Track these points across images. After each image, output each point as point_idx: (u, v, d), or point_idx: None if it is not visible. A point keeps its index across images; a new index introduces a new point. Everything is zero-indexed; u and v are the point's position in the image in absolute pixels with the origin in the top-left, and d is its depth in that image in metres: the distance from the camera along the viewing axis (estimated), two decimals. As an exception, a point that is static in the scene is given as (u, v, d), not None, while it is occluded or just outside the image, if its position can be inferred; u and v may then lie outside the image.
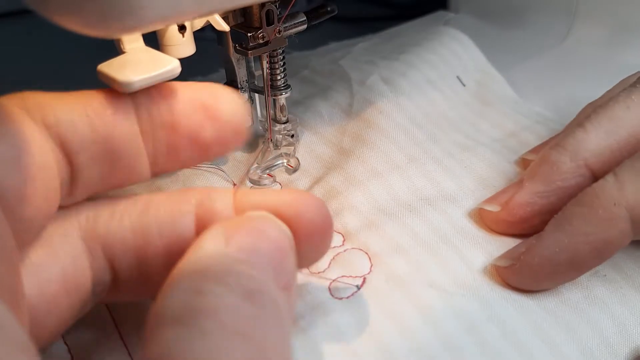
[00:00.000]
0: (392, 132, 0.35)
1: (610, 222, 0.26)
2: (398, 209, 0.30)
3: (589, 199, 0.27)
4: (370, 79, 0.38)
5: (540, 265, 0.27)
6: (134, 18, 0.21)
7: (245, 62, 0.34)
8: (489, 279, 0.27)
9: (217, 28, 0.31)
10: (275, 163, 0.35)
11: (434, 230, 0.29)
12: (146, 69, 0.25)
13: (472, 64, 0.41)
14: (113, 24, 0.21)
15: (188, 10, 0.24)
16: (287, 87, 0.35)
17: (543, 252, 0.27)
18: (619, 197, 0.26)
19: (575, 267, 0.27)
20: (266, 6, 0.31)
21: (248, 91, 0.35)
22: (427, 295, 0.26)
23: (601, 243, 0.26)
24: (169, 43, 0.29)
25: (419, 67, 0.40)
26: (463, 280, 0.27)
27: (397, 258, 0.28)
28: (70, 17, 0.21)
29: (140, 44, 0.27)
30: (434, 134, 0.35)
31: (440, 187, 0.32)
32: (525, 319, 0.26)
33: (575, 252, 0.26)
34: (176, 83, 0.26)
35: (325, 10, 0.36)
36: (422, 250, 0.28)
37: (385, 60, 0.41)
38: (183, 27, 0.29)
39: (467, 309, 0.26)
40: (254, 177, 0.34)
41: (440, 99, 0.38)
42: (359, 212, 0.30)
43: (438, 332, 0.25)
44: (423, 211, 0.30)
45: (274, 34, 0.32)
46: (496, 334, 0.25)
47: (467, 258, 0.28)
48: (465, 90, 0.39)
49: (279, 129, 0.36)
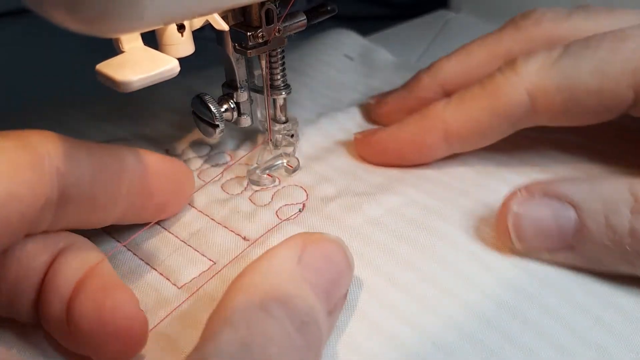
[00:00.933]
0: (302, 99, 0.43)
1: (429, 131, 0.34)
2: (319, 152, 0.37)
3: (424, 110, 0.34)
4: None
5: (377, 140, 0.35)
6: (133, 17, 0.21)
7: (244, 62, 0.34)
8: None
9: (216, 27, 0.31)
10: (275, 163, 0.35)
11: (352, 162, 0.36)
12: (145, 68, 0.25)
13: (354, 44, 0.51)
14: (112, 23, 0.21)
15: (187, 9, 0.24)
16: (287, 87, 0.35)
17: (383, 132, 0.35)
18: (441, 114, 0.33)
19: (398, 154, 0.35)
20: (266, 5, 0.31)
21: (247, 91, 0.35)
22: (355, 200, 0.33)
23: (419, 143, 0.34)
24: (168, 42, 0.29)
25: (314, 54, 0.49)
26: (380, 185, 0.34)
27: (326, 185, 0.34)
28: (69, 16, 0.21)
29: (139, 43, 0.27)
30: (335, 96, 0.44)
31: (349, 132, 0.38)
32: None
33: (400, 143, 0.35)
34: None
35: (325, 9, 0.36)
36: (344, 177, 0.35)
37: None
38: (182, 27, 0.29)
39: (391, 204, 0.32)
40: (253, 177, 0.34)
41: (334, 72, 0.47)
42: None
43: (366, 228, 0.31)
44: (339, 149, 0.37)
45: (273, 33, 0.32)
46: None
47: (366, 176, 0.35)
48: (353, 63, 0.49)
49: (278, 128, 0.36)
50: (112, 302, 0.24)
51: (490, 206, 0.31)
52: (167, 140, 0.39)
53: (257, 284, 0.23)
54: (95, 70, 0.25)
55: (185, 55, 0.29)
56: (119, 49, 0.27)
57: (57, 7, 0.20)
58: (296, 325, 0.22)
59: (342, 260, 0.26)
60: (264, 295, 0.22)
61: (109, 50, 0.27)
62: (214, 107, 0.34)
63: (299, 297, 0.23)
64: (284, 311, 0.22)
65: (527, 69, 0.31)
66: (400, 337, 0.25)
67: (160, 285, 0.29)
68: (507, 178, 0.34)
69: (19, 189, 0.23)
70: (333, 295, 0.25)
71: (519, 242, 0.28)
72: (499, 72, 0.32)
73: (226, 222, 0.32)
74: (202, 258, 0.30)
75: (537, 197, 0.28)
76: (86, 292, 0.24)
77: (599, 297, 0.27)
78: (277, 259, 0.24)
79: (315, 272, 0.24)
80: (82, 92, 0.43)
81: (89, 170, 0.26)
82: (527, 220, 0.28)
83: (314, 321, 0.22)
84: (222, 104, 0.35)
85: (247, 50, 0.32)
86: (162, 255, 0.30)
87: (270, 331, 0.21)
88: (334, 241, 0.26)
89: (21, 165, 0.23)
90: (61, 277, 0.25)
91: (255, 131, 0.38)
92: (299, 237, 0.25)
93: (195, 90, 0.35)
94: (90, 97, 0.43)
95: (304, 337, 0.22)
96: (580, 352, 0.25)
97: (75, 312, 0.24)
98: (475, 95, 0.33)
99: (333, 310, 0.25)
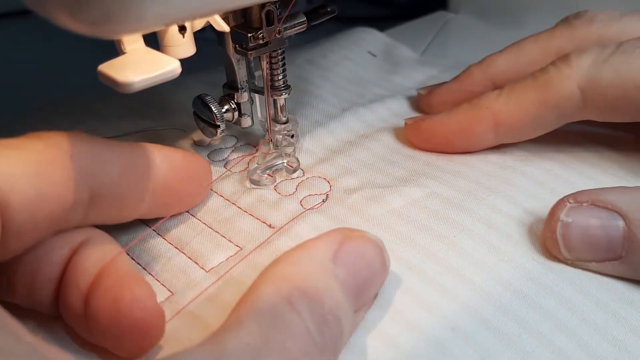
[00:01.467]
0: (326, 95, 0.44)
1: (479, 120, 0.34)
2: (343, 146, 0.38)
3: (475, 100, 0.35)
4: (297, 61, 0.48)
5: (426, 127, 0.36)
6: (134, 19, 0.21)
7: (245, 63, 0.35)
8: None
9: (217, 29, 0.31)
10: (275, 163, 0.35)
11: (375, 155, 0.37)
12: (147, 69, 0.25)
13: (377, 41, 0.51)
14: (113, 24, 0.21)
15: (189, 11, 0.24)
16: (287, 88, 0.35)
17: (433, 119, 0.36)
18: (491, 104, 0.34)
19: (446, 140, 0.36)
20: (266, 7, 0.31)
21: (248, 91, 0.35)
22: (377, 191, 0.33)
23: (468, 131, 0.35)
24: (169, 44, 0.29)
25: (337, 51, 0.50)
26: (406, 179, 0.35)
27: (349, 177, 0.35)
28: (71, 17, 0.21)
29: (141, 44, 0.27)
30: (359, 92, 0.45)
31: (373, 127, 0.40)
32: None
33: (449, 130, 0.36)
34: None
35: (325, 10, 0.36)
36: (367, 170, 0.35)
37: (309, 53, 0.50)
38: (183, 28, 0.29)
39: (409, 194, 0.33)
40: (254, 178, 0.34)
41: (357, 68, 0.48)
42: (312, 153, 0.37)
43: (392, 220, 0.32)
44: (362, 142, 0.38)
45: (274, 34, 0.32)
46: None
47: (406, 168, 0.36)
48: (376, 59, 0.50)
49: (279, 129, 0.36)
50: (129, 295, 0.24)
51: (516, 202, 0.32)
52: (194, 131, 0.39)
53: (287, 275, 0.23)
54: (97, 71, 0.26)
55: (186, 56, 0.29)
56: (121, 50, 0.27)
57: (58, 8, 0.21)
58: (317, 322, 0.22)
59: (378, 260, 0.26)
60: (291, 287, 0.22)
61: (111, 51, 0.27)
62: (214, 108, 0.34)
63: (326, 294, 0.23)
64: (308, 306, 0.22)
65: (580, 64, 0.32)
66: (420, 323, 0.26)
67: (188, 268, 0.29)
68: (534, 175, 0.34)
69: (48, 189, 0.23)
70: (363, 295, 0.25)
71: (567, 252, 0.28)
72: (552, 65, 0.33)
73: (252, 210, 0.33)
74: (228, 244, 0.31)
75: (585, 206, 0.28)
76: (104, 286, 0.25)
77: (614, 292, 0.27)
78: (312, 252, 0.24)
79: (348, 270, 0.24)
80: (83, 92, 0.43)
81: (118, 170, 0.26)
82: (575, 229, 0.28)
83: (337, 319, 0.23)
84: (223, 104, 0.35)
85: (248, 52, 0.32)
86: (190, 240, 0.31)
87: (291, 325, 0.21)
88: (373, 241, 0.26)
89: (51, 165, 0.24)
90: (80, 271, 0.25)
91: (255, 131, 0.39)
92: (339, 233, 0.25)
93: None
94: (93, 97, 0.43)
95: (323, 334, 0.22)
96: (597, 344, 0.25)
97: (92, 306, 0.25)
98: (526, 86, 0.33)
99: (360, 309, 0.25)
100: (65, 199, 0.24)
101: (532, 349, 0.25)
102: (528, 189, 0.33)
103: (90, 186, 0.25)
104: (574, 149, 0.36)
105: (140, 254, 0.30)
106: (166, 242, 0.31)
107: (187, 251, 0.30)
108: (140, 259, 0.30)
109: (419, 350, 0.25)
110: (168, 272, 0.29)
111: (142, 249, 0.31)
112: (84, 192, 0.25)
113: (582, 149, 0.36)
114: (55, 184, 0.24)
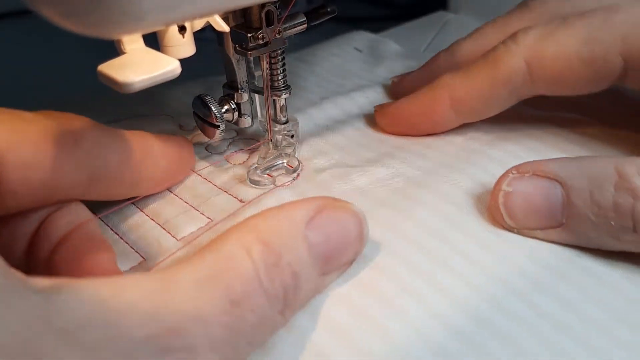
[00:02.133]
0: (310, 86, 0.46)
1: (437, 100, 0.36)
2: (319, 130, 0.40)
3: (434, 81, 0.36)
4: (287, 59, 0.50)
5: (392, 111, 0.38)
6: (134, 19, 0.21)
7: (245, 63, 0.35)
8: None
9: (217, 29, 0.31)
10: (275, 163, 0.35)
11: (348, 138, 0.39)
12: (147, 69, 0.25)
13: (365, 39, 0.53)
14: (113, 25, 0.21)
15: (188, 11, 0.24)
16: (287, 88, 0.35)
17: (397, 103, 0.38)
18: (447, 83, 0.35)
19: (410, 123, 0.38)
20: (266, 7, 0.31)
21: (248, 91, 0.35)
22: (345, 170, 0.35)
23: (429, 112, 0.37)
24: (169, 44, 0.29)
25: (326, 49, 0.52)
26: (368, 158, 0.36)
27: (321, 158, 0.37)
28: (70, 18, 0.21)
29: (141, 44, 0.27)
30: (340, 83, 0.47)
31: (349, 114, 0.42)
32: None
33: (411, 112, 0.37)
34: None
35: (325, 10, 0.36)
36: (339, 151, 0.37)
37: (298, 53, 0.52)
38: (183, 28, 0.29)
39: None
40: (254, 178, 0.34)
41: (341, 61, 0.50)
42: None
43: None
44: (337, 127, 0.40)
45: (273, 34, 0.32)
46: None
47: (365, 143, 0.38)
48: (361, 54, 0.51)
49: (279, 129, 0.36)
50: (92, 256, 0.26)
51: (479, 182, 0.33)
52: (181, 116, 0.41)
53: (254, 226, 0.24)
54: (97, 71, 0.26)
55: (186, 56, 0.29)
56: (121, 50, 0.27)
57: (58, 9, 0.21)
58: (269, 269, 0.22)
59: (355, 230, 0.26)
60: (254, 238, 0.23)
61: (111, 51, 0.27)
62: (214, 108, 0.34)
63: (288, 248, 0.23)
64: (263, 253, 0.23)
65: (526, 39, 0.33)
66: (373, 285, 0.27)
67: (161, 237, 0.31)
68: (498, 157, 0.35)
69: (45, 160, 0.25)
70: (332, 261, 0.26)
71: (510, 220, 0.29)
72: (502, 43, 0.34)
73: (226, 187, 0.35)
74: (201, 216, 0.33)
75: (527, 177, 0.29)
76: (72, 242, 0.26)
77: (564, 257, 0.28)
78: (289, 212, 0.25)
79: (320, 233, 0.25)
80: (83, 92, 0.43)
81: (117, 156, 0.29)
82: (517, 198, 0.29)
83: (293, 272, 0.23)
84: (222, 104, 0.35)
85: (248, 52, 0.32)
86: (165, 213, 0.33)
87: (241, 267, 0.22)
88: (354, 212, 0.26)
89: (52, 140, 0.26)
90: (53, 227, 0.27)
91: (255, 132, 0.39)
92: (321, 200, 0.26)
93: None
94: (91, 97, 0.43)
95: (273, 282, 0.22)
96: (547, 305, 0.26)
97: (57, 261, 0.26)
98: (478, 65, 0.35)
99: (328, 273, 0.26)
100: (62, 173, 0.26)
101: (482, 311, 0.26)
102: (489, 168, 0.34)
103: (90, 169, 0.27)
104: (538, 132, 0.37)
105: (118, 224, 0.33)
106: (143, 214, 0.33)
107: (162, 222, 0.32)
108: (117, 229, 0.32)
109: (374, 312, 0.26)
110: (142, 241, 0.31)
111: (120, 219, 0.33)
112: (84, 174, 0.27)
113: (547, 133, 0.37)
114: (54, 158, 0.25)
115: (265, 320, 0.22)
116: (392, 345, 0.25)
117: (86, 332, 0.18)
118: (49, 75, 0.56)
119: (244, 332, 0.22)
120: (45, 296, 0.18)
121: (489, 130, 0.38)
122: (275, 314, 0.23)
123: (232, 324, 0.21)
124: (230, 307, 0.21)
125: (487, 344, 0.25)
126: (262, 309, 0.22)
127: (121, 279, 0.20)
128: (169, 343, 0.19)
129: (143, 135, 0.31)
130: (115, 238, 0.32)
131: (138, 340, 0.19)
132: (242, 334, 0.22)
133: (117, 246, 0.31)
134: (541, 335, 0.25)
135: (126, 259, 0.30)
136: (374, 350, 0.24)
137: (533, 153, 0.35)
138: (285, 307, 0.23)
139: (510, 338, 0.25)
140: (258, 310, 0.22)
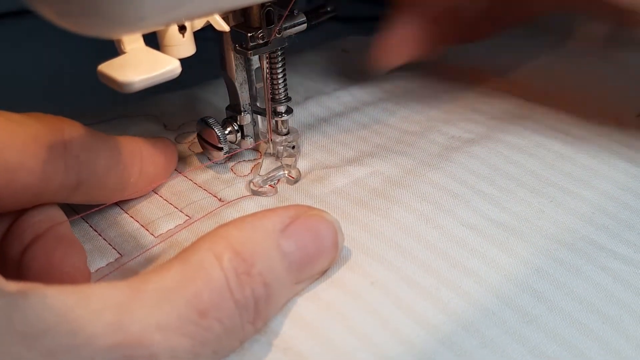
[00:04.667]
0: (295, 86, 0.44)
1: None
2: (300, 129, 0.39)
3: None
4: None
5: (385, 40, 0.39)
6: (134, 19, 0.21)
7: (247, 86, 0.35)
8: None
9: (217, 28, 0.31)
10: (277, 174, 0.35)
11: (329, 138, 0.39)
12: (147, 69, 0.25)
13: (354, 40, 0.53)
14: (113, 24, 0.21)
15: (188, 10, 0.24)
16: (288, 100, 0.35)
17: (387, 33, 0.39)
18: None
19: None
20: (266, 6, 0.31)
21: (250, 113, 0.36)
22: (324, 172, 0.35)
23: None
24: (169, 43, 0.29)
25: (314, 52, 0.51)
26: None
27: (301, 160, 0.36)
28: (70, 17, 0.21)
29: (141, 44, 0.27)
30: (324, 81, 0.46)
31: (332, 112, 0.41)
32: None
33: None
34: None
35: (325, 10, 0.36)
36: (319, 151, 0.37)
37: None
38: (183, 28, 0.29)
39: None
40: (255, 188, 0.34)
41: (327, 61, 0.50)
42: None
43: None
44: (320, 126, 0.40)
45: (273, 34, 0.32)
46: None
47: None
48: (347, 55, 0.51)
49: (280, 140, 0.36)
50: (62, 253, 0.26)
51: (455, 177, 0.34)
52: (165, 116, 0.42)
53: (226, 235, 0.24)
54: (97, 71, 0.26)
55: (186, 56, 0.29)
56: (121, 50, 0.27)
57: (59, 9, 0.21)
58: (240, 279, 0.22)
59: (329, 238, 0.26)
60: (226, 245, 0.23)
61: (111, 51, 0.27)
62: (218, 131, 0.34)
63: (261, 257, 0.23)
64: (235, 262, 0.22)
65: None
66: (344, 282, 0.27)
67: (139, 234, 0.32)
68: (478, 153, 0.35)
69: (32, 164, 0.25)
70: (307, 269, 0.26)
71: None
72: None
73: (206, 186, 0.35)
74: (179, 213, 0.33)
75: None
76: (44, 240, 0.27)
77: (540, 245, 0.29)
78: (262, 221, 0.25)
79: (294, 243, 0.25)
80: (83, 93, 0.43)
81: (105, 161, 0.29)
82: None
83: (264, 282, 0.23)
84: (225, 126, 0.35)
85: (248, 51, 0.32)
86: (145, 210, 0.33)
87: (211, 277, 0.22)
88: (328, 220, 0.26)
89: (40, 144, 0.26)
90: (24, 229, 0.27)
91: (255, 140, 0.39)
92: (295, 208, 0.26)
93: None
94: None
95: (244, 292, 0.22)
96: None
97: (28, 260, 0.26)
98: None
99: (302, 281, 0.26)
100: (49, 178, 0.26)
101: (448, 299, 0.27)
102: (469, 165, 0.34)
103: (79, 174, 0.27)
104: (518, 129, 0.38)
105: (97, 221, 0.33)
106: (123, 211, 0.33)
107: (140, 219, 0.33)
108: (97, 227, 0.33)
109: (352, 313, 0.26)
110: (120, 237, 0.32)
111: (100, 217, 0.33)
112: (72, 179, 0.27)
113: (529, 131, 0.37)
114: (42, 162, 0.25)
115: (234, 330, 0.22)
116: (364, 341, 0.25)
117: (48, 338, 0.18)
118: (49, 75, 0.56)
119: (210, 341, 0.22)
120: (11, 299, 0.18)
121: (475, 129, 0.38)
122: (245, 323, 0.23)
123: (197, 334, 0.21)
124: (197, 317, 0.21)
125: (457, 338, 0.25)
126: (231, 319, 0.22)
127: (88, 288, 0.20)
128: (132, 352, 0.20)
129: (132, 140, 0.31)
130: (93, 235, 0.32)
131: (101, 348, 0.19)
132: (208, 344, 0.22)
133: (95, 242, 0.31)
134: (520, 335, 0.25)
135: (103, 256, 0.30)
136: (349, 350, 0.24)
137: (515, 150, 0.35)
138: (257, 317, 0.23)
139: (478, 331, 0.25)
140: (227, 320, 0.22)
